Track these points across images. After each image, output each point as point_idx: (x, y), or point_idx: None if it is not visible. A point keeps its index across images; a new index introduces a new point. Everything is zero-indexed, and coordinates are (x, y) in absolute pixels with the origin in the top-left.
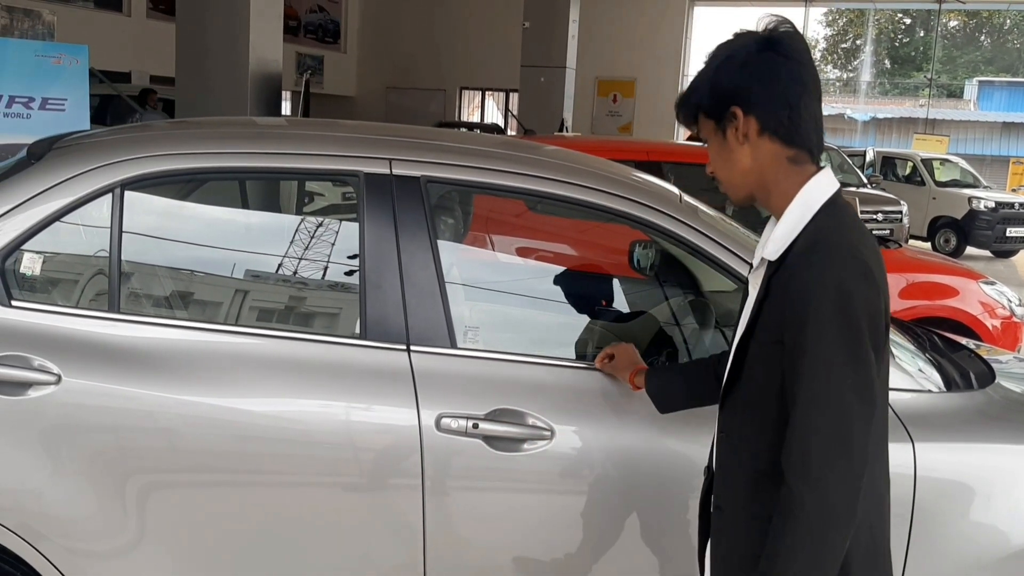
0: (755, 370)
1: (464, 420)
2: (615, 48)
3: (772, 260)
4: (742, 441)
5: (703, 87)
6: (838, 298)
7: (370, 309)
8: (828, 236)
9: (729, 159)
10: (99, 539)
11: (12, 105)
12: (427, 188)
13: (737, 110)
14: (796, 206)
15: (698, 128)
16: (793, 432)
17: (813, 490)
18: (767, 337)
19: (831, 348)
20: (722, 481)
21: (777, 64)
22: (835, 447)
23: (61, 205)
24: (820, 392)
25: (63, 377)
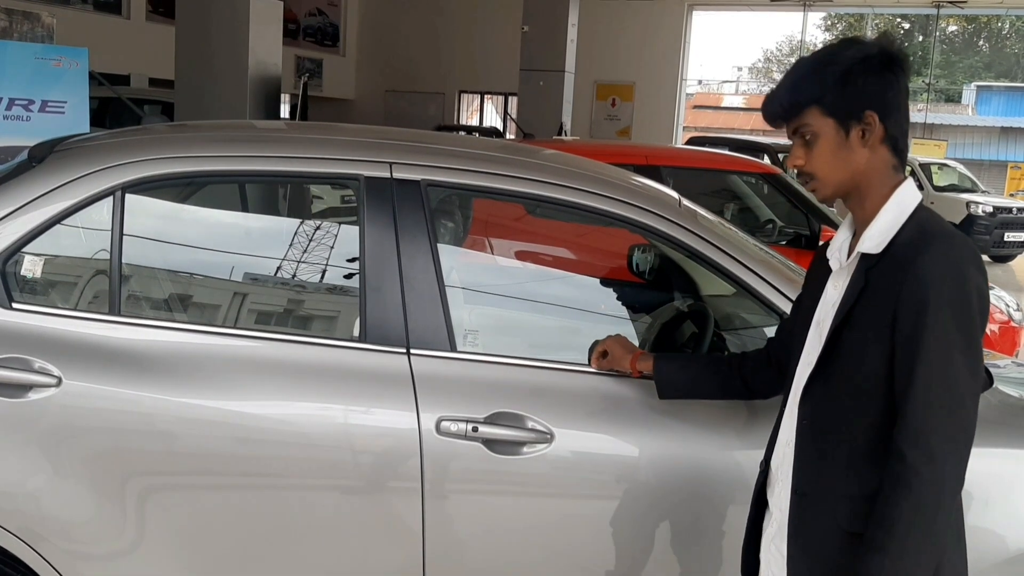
0: (857, 358)
1: (464, 423)
2: (614, 52)
3: (875, 253)
4: (836, 426)
5: (831, 82)
6: (956, 281)
7: (370, 312)
8: (940, 227)
9: (844, 159)
10: (99, 541)
11: (12, 107)
12: (427, 192)
13: (874, 115)
14: (892, 205)
15: (798, 123)
16: (913, 411)
17: (930, 461)
18: (873, 324)
19: (950, 328)
20: (805, 466)
21: (902, 81)
22: (950, 422)
23: (62, 208)
24: (938, 370)
25: (64, 379)
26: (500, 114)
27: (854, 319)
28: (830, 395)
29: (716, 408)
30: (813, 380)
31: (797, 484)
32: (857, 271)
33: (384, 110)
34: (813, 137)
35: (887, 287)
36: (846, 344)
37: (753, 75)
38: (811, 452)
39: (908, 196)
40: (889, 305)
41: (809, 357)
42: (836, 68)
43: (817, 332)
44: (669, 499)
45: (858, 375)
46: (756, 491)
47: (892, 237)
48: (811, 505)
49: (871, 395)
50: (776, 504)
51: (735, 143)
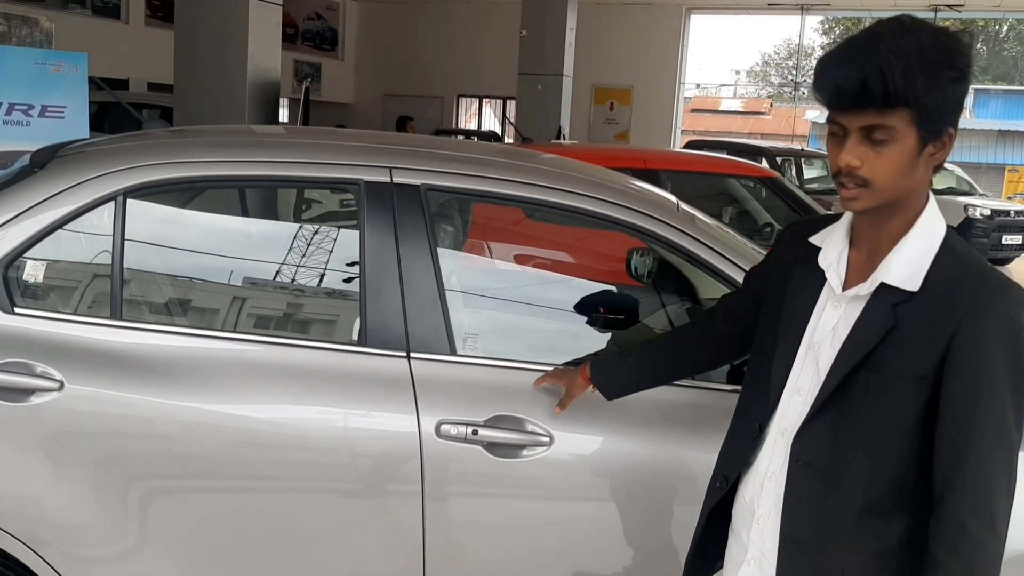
0: (875, 402)
1: (464, 426)
2: (612, 56)
3: (910, 290)
4: (848, 476)
5: (940, 88)
6: (1017, 342)
7: (370, 316)
8: (990, 271)
9: (908, 174)
10: (101, 545)
11: (12, 112)
12: (427, 196)
13: (954, 134)
14: (920, 232)
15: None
16: (973, 477)
17: (995, 534)
18: (903, 371)
19: (1007, 393)
20: (803, 513)
21: None
22: (1008, 488)
23: (64, 213)
24: (1000, 436)
25: (65, 384)
26: (499, 118)
27: (877, 362)
28: (841, 441)
29: (717, 412)
30: (812, 419)
31: (789, 531)
32: (879, 305)
33: (382, 114)
34: (888, 141)
35: (929, 334)
36: (865, 388)
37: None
38: (811, 499)
39: (936, 221)
40: (931, 355)
41: (799, 385)
42: (951, 74)
43: (812, 359)
44: (669, 502)
45: (880, 423)
46: (711, 507)
47: (926, 272)
48: (807, 556)
49: (894, 444)
50: (756, 544)
51: (733, 147)
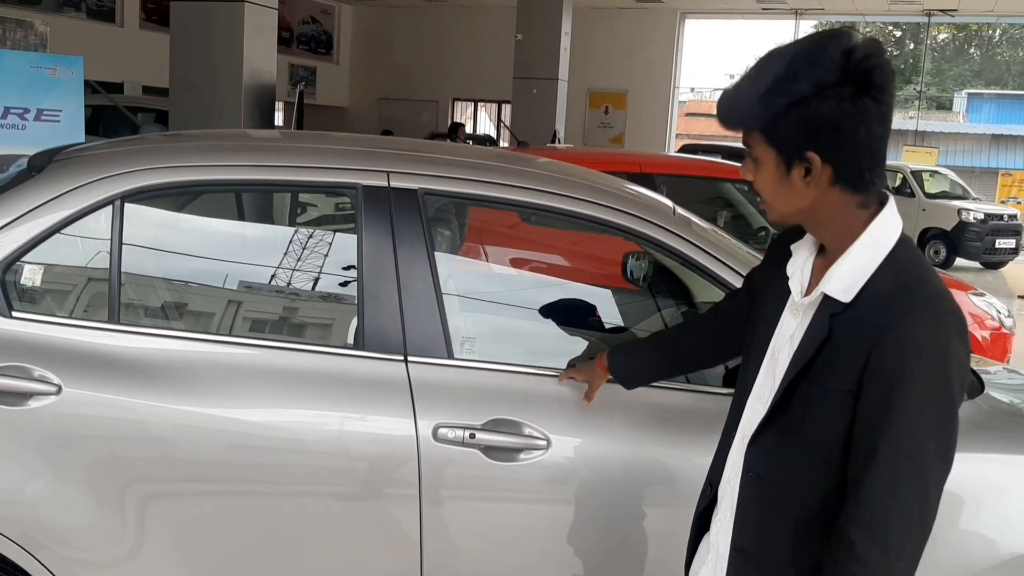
0: (811, 415)
1: (461, 430)
2: (607, 60)
3: (844, 302)
4: (787, 489)
5: (775, 112)
6: (939, 360)
7: (368, 320)
8: (923, 283)
9: (786, 194)
10: (98, 548)
11: (7, 116)
12: (424, 200)
13: (816, 158)
14: (866, 243)
15: (744, 138)
16: (872, 493)
17: (884, 553)
18: (833, 384)
19: (926, 411)
20: (747, 522)
21: (869, 111)
22: (914, 515)
23: (62, 217)
24: (906, 455)
25: (63, 387)
26: (494, 122)
27: (813, 373)
28: (782, 452)
29: (713, 416)
30: (764, 428)
31: (738, 539)
32: (819, 314)
33: (377, 118)
34: (758, 161)
35: (855, 346)
36: (803, 399)
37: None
38: (756, 510)
39: (886, 233)
40: (855, 368)
41: (761, 391)
42: (782, 100)
43: (771, 366)
44: (667, 505)
45: (815, 438)
46: (700, 511)
47: (864, 283)
48: (750, 566)
49: (828, 462)
50: (715, 545)
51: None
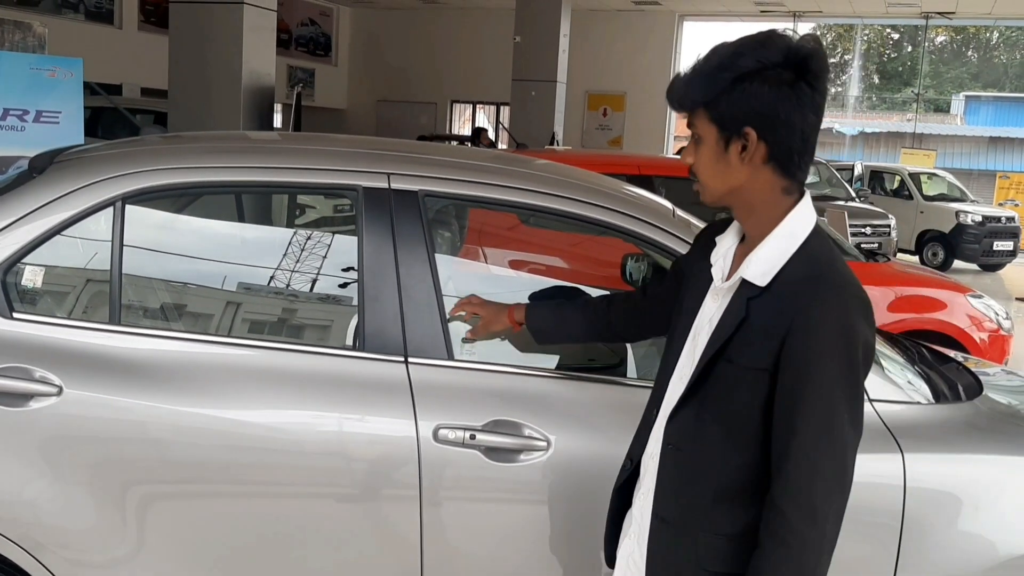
0: (727, 391)
1: (462, 431)
2: (605, 62)
3: (759, 285)
4: (704, 461)
5: (719, 90)
6: (846, 339)
7: (368, 321)
8: (832, 270)
9: (721, 171)
10: (100, 550)
11: (6, 118)
12: (425, 202)
13: (752, 133)
14: (783, 233)
15: (690, 119)
16: (795, 468)
17: (814, 524)
18: (749, 362)
19: (836, 385)
20: (668, 493)
21: (805, 97)
22: (835, 484)
23: (63, 218)
24: (823, 430)
25: (64, 388)
26: (492, 123)
27: (730, 352)
28: (700, 427)
29: None
30: (683, 404)
31: (659, 508)
32: (737, 298)
33: (376, 120)
34: (699, 140)
35: (770, 328)
36: (719, 377)
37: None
38: (675, 480)
39: (800, 224)
40: (770, 348)
41: (683, 371)
42: (728, 75)
43: (692, 348)
44: None
45: (730, 413)
46: (619, 485)
47: (779, 269)
48: (671, 534)
49: (742, 436)
50: (637, 518)
51: None
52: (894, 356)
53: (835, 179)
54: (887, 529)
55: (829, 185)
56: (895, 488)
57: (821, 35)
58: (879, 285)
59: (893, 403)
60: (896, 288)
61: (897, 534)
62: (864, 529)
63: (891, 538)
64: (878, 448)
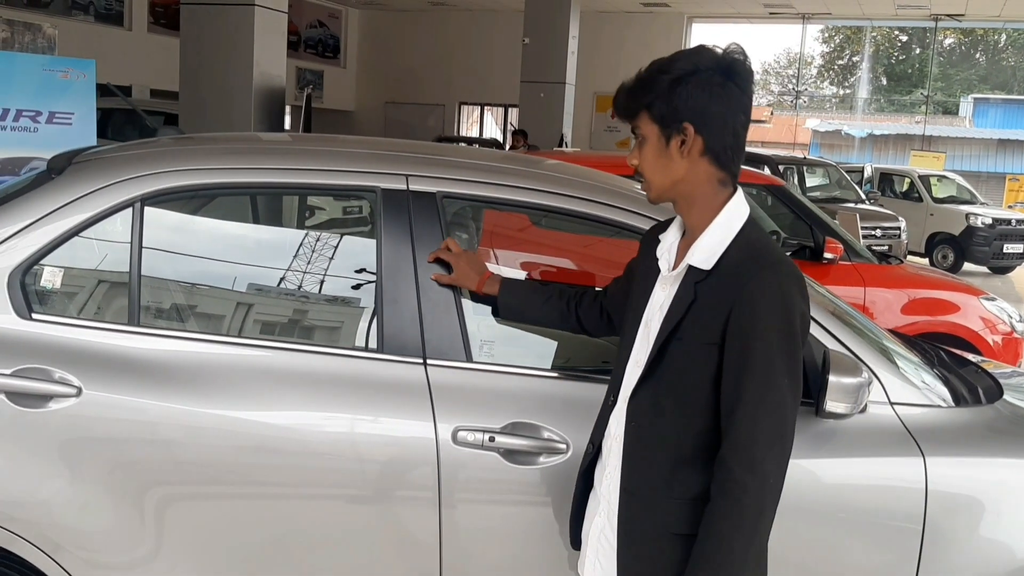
0: (681, 367)
1: (480, 433)
2: (614, 64)
3: (704, 269)
4: (662, 433)
5: (659, 91)
6: (784, 309)
7: (387, 323)
8: (768, 251)
9: (664, 166)
10: (118, 551)
11: (19, 119)
12: (443, 203)
13: (690, 127)
14: (722, 222)
15: (634, 123)
16: (739, 426)
17: (756, 476)
18: (699, 339)
19: (775, 351)
20: (633, 467)
21: (734, 95)
22: (775, 439)
23: (82, 219)
24: (765, 392)
25: (84, 390)
26: (500, 125)
27: (682, 332)
28: (657, 402)
29: None
30: (641, 384)
31: (626, 483)
32: (685, 283)
33: (384, 121)
34: (643, 140)
35: (716, 305)
36: (673, 355)
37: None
38: (638, 454)
39: (735, 213)
40: (718, 323)
41: (638, 357)
42: (666, 77)
43: (645, 334)
44: None
45: (685, 386)
46: (583, 469)
47: (721, 254)
48: (639, 505)
49: (696, 405)
50: (604, 495)
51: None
52: (913, 359)
53: (844, 181)
54: (908, 534)
55: (839, 187)
56: (917, 492)
57: (829, 36)
58: (892, 288)
59: (913, 406)
60: (909, 290)
61: (919, 539)
62: (885, 534)
63: (912, 543)
64: (899, 452)
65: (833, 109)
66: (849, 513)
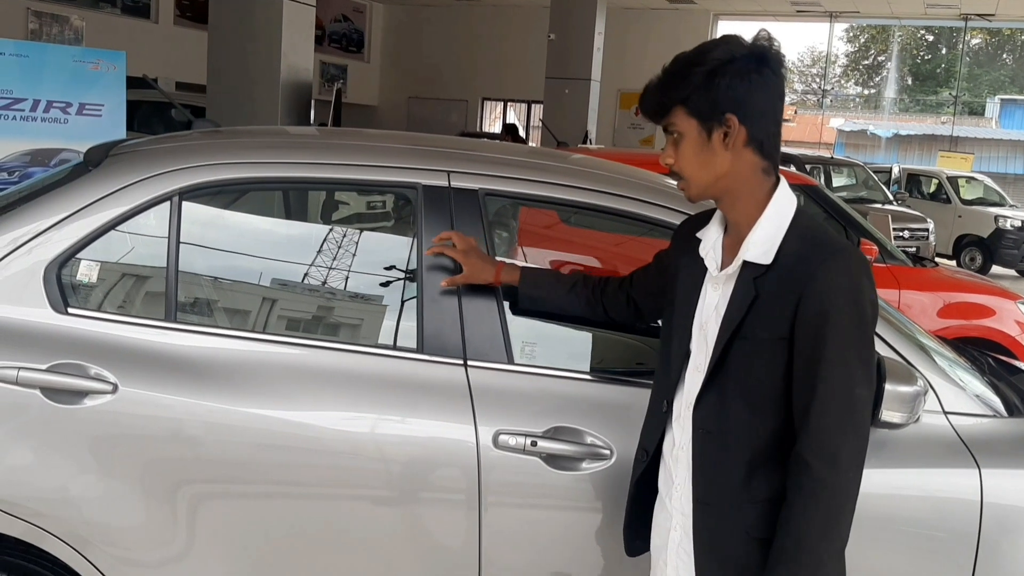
0: (748, 367)
1: (523, 437)
2: (638, 61)
3: (764, 264)
4: (734, 435)
5: (695, 84)
6: (855, 298)
7: (427, 323)
8: (830, 239)
9: (706, 161)
10: (149, 548)
11: (49, 110)
12: (485, 201)
13: (733, 118)
14: (772, 213)
15: (667, 120)
16: (815, 421)
17: (835, 472)
18: (766, 335)
19: (849, 343)
20: (706, 476)
21: (772, 82)
22: (850, 433)
23: (118, 213)
24: (840, 383)
25: (120, 386)
26: (523, 122)
27: (746, 331)
28: (725, 405)
29: None
30: (705, 389)
31: (700, 494)
32: (743, 280)
33: (407, 117)
34: (679, 137)
35: (782, 300)
36: (739, 355)
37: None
38: (711, 462)
39: (785, 202)
40: (785, 318)
41: (697, 362)
42: (701, 69)
43: (703, 337)
44: None
45: (754, 385)
46: (636, 477)
47: (778, 246)
48: (716, 514)
49: (768, 405)
50: (677, 508)
51: None
52: (964, 365)
53: (871, 181)
54: (962, 546)
55: (865, 187)
56: (971, 504)
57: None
58: (928, 291)
59: (968, 416)
60: (944, 294)
61: (973, 552)
62: (938, 546)
63: (966, 556)
64: (954, 462)
65: (858, 109)
66: (900, 525)
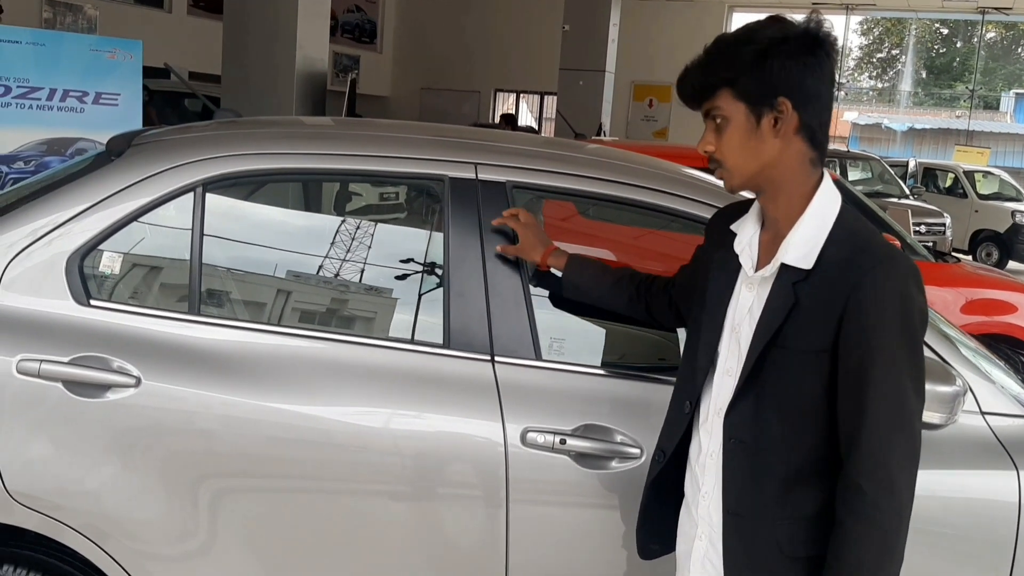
0: (786, 378)
1: (551, 435)
2: (653, 53)
3: (805, 268)
4: (770, 449)
5: (745, 64)
6: (904, 310)
7: (454, 318)
8: (876, 243)
9: (753, 148)
10: (170, 542)
11: (66, 99)
12: (512, 194)
13: (787, 102)
14: (815, 213)
15: (710, 104)
16: (867, 444)
17: (890, 494)
18: (807, 345)
19: (900, 356)
20: (738, 487)
21: (825, 65)
22: (905, 452)
23: (142, 204)
24: (891, 399)
25: (143, 380)
26: (534, 113)
27: (784, 338)
28: (761, 416)
29: None
30: (739, 398)
31: (730, 504)
32: (781, 284)
33: (419, 107)
34: (724, 122)
35: (824, 309)
36: (775, 365)
37: None
38: (743, 473)
39: (829, 199)
40: (828, 329)
41: (727, 365)
42: (752, 48)
43: (735, 340)
44: None
45: (793, 397)
46: (652, 480)
47: (820, 249)
48: (747, 527)
49: (807, 419)
50: (704, 518)
51: None
52: (1000, 365)
53: (887, 175)
54: (1000, 550)
55: (881, 181)
56: (1010, 507)
57: (869, 29)
58: (950, 286)
59: (1006, 416)
60: (966, 290)
61: (1010, 556)
62: (975, 549)
63: (1003, 560)
64: (992, 464)
65: (872, 102)
66: (937, 527)
